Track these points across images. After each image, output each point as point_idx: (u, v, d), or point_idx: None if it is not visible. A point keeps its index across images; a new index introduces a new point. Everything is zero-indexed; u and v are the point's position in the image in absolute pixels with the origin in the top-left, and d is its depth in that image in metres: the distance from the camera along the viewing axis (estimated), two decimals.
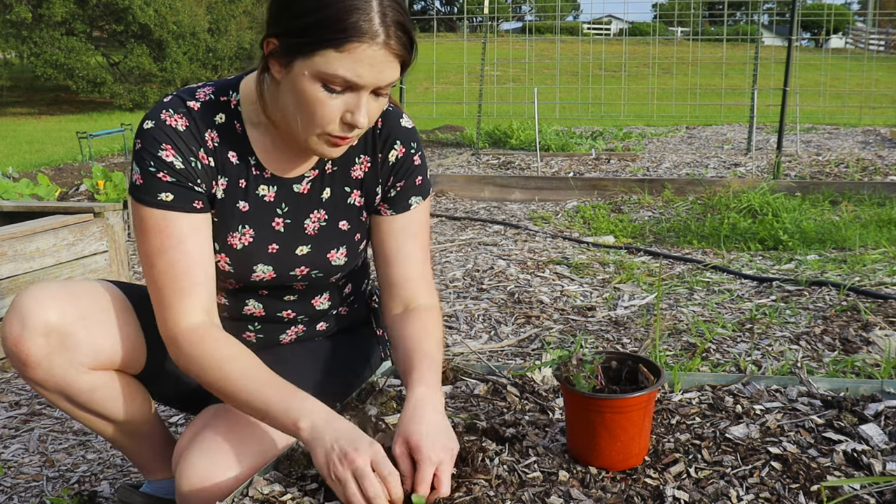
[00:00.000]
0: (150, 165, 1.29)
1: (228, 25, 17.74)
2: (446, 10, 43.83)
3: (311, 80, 1.20)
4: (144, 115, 1.33)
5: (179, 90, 1.37)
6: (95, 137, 8.66)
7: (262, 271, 1.41)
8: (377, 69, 1.19)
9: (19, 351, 1.33)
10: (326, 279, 1.48)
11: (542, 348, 2.57)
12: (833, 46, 21.17)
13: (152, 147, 1.29)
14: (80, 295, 1.38)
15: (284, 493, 1.17)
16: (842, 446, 1.29)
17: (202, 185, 1.33)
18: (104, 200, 5.33)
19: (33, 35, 15.68)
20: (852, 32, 23.15)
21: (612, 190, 5.50)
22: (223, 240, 1.38)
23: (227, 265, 1.39)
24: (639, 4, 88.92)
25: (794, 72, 6.77)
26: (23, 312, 1.32)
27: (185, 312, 1.29)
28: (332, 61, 1.17)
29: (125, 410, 1.47)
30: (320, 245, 1.43)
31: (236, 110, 1.35)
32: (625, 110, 10.30)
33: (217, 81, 1.39)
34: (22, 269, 2.73)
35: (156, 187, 1.29)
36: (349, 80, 1.19)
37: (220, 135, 1.34)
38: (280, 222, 1.40)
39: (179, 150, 1.30)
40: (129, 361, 1.43)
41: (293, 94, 1.23)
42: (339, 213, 1.44)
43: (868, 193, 4.89)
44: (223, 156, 1.35)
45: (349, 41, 1.16)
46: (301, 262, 1.43)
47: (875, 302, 2.81)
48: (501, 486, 1.19)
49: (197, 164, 1.32)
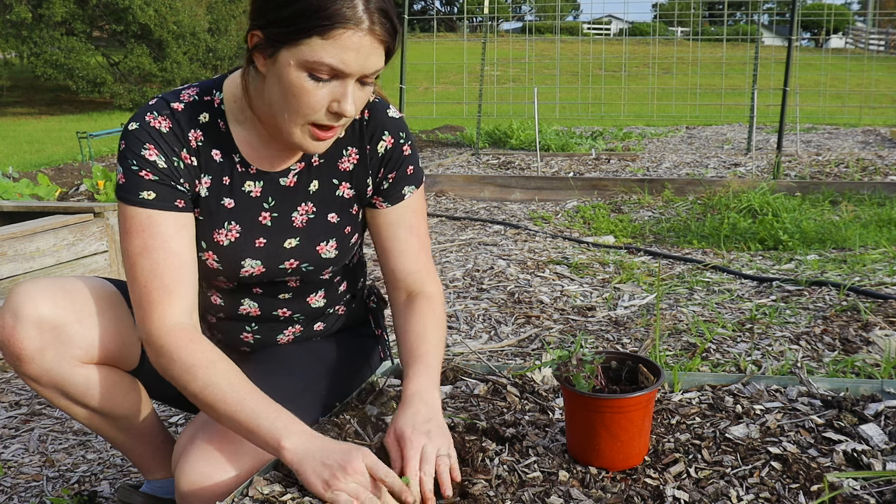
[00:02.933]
0: (133, 164, 1.29)
1: (228, 25, 17.74)
2: (446, 10, 43.83)
3: (297, 69, 1.20)
4: (130, 117, 1.34)
5: (165, 93, 1.37)
6: (95, 137, 8.67)
7: (251, 266, 1.40)
8: (362, 56, 1.20)
9: (12, 344, 1.33)
10: (318, 273, 1.47)
11: (542, 348, 2.57)
12: (833, 46, 21.17)
13: (135, 147, 1.30)
14: (74, 290, 1.38)
15: (284, 493, 1.17)
16: (842, 446, 1.29)
17: (185, 184, 1.33)
18: (104, 200, 5.33)
19: (33, 35, 15.68)
20: (852, 32, 23.16)
21: (612, 190, 5.51)
22: (209, 237, 1.38)
23: (214, 262, 1.39)
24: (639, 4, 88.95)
25: (794, 72, 6.77)
26: (15, 306, 1.33)
27: (167, 313, 1.28)
28: (317, 49, 1.18)
29: (121, 405, 1.47)
30: (309, 238, 1.43)
31: (220, 109, 1.36)
32: (625, 110, 10.30)
33: (202, 82, 1.40)
34: (22, 269, 2.73)
35: (138, 185, 1.29)
36: (335, 67, 1.19)
37: (204, 133, 1.35)
38: (267, 216, 1.40)
39: (162, 150, 1.30)
40: (124, 356, 1.43)
41: (279, 85, 1.23)
42: (328, 206, 1.44)
43: (868, 193, 4.89)
44: (207, 154, 1.36)
45: (334, 28, 1.17)
46: (290, 256, 1.42)
47: (875, 302, 2.81)
48: (501, 486, 1.19)
49: (180, 163, 1.32)
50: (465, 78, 9.48)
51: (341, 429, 1.36)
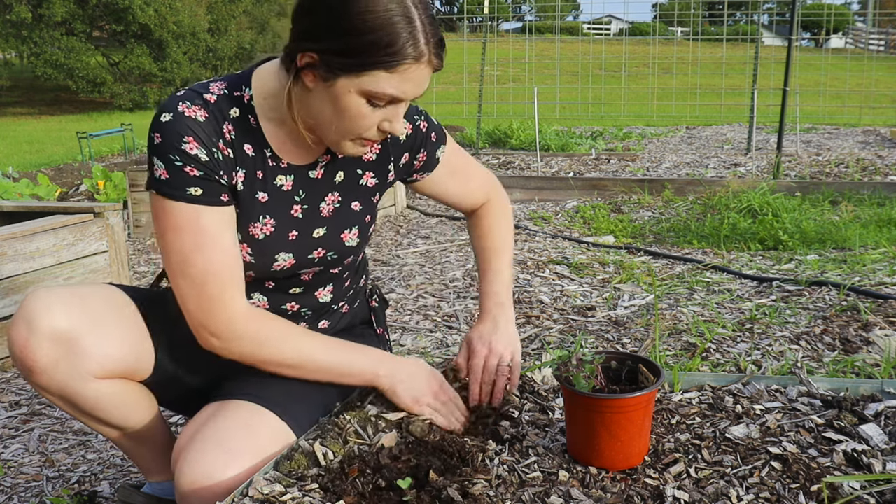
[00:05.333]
0: (177, 160, 1.27)
1: (228, 25, 17.75)
2: (446, 10, 43.83)
3: (357, 95, 1.24)
4: (158, 109, 1.32)
5: (190, 86, 1.37)
6: (95, 137, 8.67)
7: (283, 259, 1.42)
8: (420, 85, 1.27)
9: (25, 357, 1.32)
10: (341, 261, 1.50)
11: (542, 348, 2.57)
12: (833, 46, 21.17)
13: (175, 140, 1.27)
14: (89, 300, 1.37)
15: (284, 493, 1.17)
16: (842, 446, 1.29)
17: (224, 176, 1.33)
18: (104, 200, 5.33)
19: (33, 35, 15.68)
20: (852, 32, 23.16)
21: (612, 190, 5.50)
22: (245, 231, 1.38)
23: (248, 255, 1.40)
24: (639, 4, 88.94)
25: (794, 72, 6.77)
26: (30, 317, 1.31)
27: (235, 299, 1.33)
28: (381, 81, 1.22)
29: (130, 418, 1.47)
30: (335, 226, 1.46)
31: (249, 105, 1.36)
32: (625, 110, 10.30)
33: (227, 77, 1.40)
34: (22, 269, 2.74)
35: (184, 182, 1.28)
36: (395, 96, 1.25)
37: (236, 128, 1.35)
38: (298, 209, 1.42)
39: (202, 141, 1.29)
40: (137, 368, 1.43)
41: (332, 105, 1.26)
42: (352, 195, 1.48)
43: (868, 193, 4.89)
44: (240, 148, 1.36)
45: (401, 63, 1.21)
46: (318, 245, 1.45)
47: (875, 302, 2.81)
48: (501, 486, 1.19)
49: (219, 154, 1.31)
50: (465, 78, 9.48)
51: (342, 429, 1.36)
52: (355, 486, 1.18)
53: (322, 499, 1.16)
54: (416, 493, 1.15)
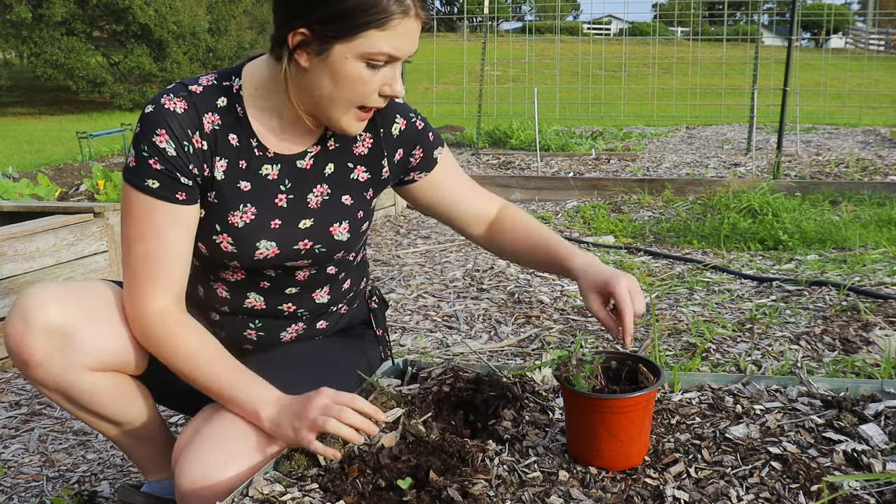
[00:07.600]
0: (144, 150, 1.32)
1: (228, 25, 17.74)
2: (446, 10, 43.83)
3: (355, 60, 1.27)
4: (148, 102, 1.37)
5: (184, 79, 1.41)
6: (95, 137, 8.66)
7: (266, 248, 1.42)
8: (412, 39, 1.31)
9: (21, 350, 1.33)
10: (331, 256, 1.49)
11: (542, 348, 2.57)
12: (833, 46, 21.17)
13: (148, 131, 1.33)
14: (84, 295, 1.39)
15: (284, 493, 1.17)
16: (842, 446, 1.29)
17: (193, 169, 1.35)
18: (104, 200, 5.33)
19: (33, 35, 15.66)
20: (852, 32, 23.16)
21: (612, 190, 5.50)
22: (224, 220, 1.39)
23: (229, 245, 1.41)
24: (639, 4, 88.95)
25: (794, 72, 6.77)
26: (26, 311, 1.33)
27: (155, 296, 1.35)
28: (376, 40, 1.26)
29: (126, 412, 1.47)
30: (323, 218, 1.46)
31: (238, 94, 1.39)
32: (625, 110, 10.30)
33: (220, 70, 1.43)
34: (22, 269, 2.74)
35: (145, 172, 1.33)
36: (392, 54, 1.28)
37: (221, 117, 1.38)
38: (283, 198, 1.43)
39: (174, 133, 1.33)
40: (132, 362, 1.43)
41: (331, 78, 1.29)
42: (342, 188, 1.48)
43: (868, 193, 4.89)
44: (223, 138, 1.38)
45: (391, 18, 1.25)
46: (304, 236, 1.44)
47: (875, 302, 2.81)
48: (501, 486, 1.19)
49: (189, 147, 1.34)
50: (465, 78, 9.48)
51: None
52: (355, 486, 1.18)
53: (322, 499, 1.16)
54: (416, 493, 1.15)
